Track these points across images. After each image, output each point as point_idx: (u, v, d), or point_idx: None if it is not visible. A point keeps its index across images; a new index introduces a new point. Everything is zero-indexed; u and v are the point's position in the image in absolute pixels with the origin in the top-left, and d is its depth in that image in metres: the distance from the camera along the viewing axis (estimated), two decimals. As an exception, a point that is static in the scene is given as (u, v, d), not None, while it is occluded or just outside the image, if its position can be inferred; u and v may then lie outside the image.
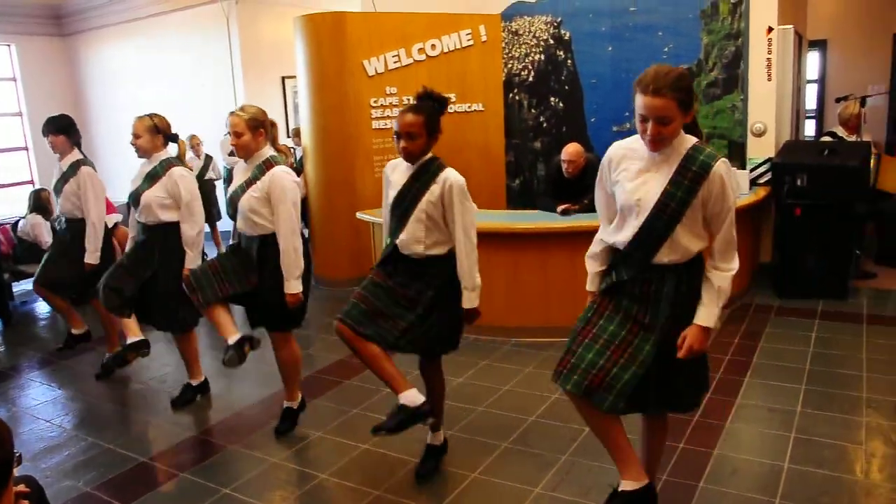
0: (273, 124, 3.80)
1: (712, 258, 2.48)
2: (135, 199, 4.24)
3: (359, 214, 6.29)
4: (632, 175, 2.47)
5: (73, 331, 5.19)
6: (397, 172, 3.20)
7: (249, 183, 3.59)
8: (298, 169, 7.41)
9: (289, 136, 9.51)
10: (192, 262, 4.14)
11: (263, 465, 3.62)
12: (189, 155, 8.22)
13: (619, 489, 2.58)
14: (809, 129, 10.19)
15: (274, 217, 3.56)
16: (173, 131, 4.34)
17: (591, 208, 5.34)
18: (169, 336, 4.79)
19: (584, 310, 2.63)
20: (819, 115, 10.53)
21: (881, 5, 10.04)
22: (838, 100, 7.24)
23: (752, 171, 6.27)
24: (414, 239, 3.09)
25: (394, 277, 3.16)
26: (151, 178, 4.19)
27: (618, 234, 2.54)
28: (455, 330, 3.26)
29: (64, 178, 4.78)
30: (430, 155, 3.14)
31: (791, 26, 6.41)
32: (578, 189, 5.47)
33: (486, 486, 3.31)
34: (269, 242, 3.60)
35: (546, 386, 3.61)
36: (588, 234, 4.93)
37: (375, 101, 6.62)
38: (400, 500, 3.22)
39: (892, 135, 9.76)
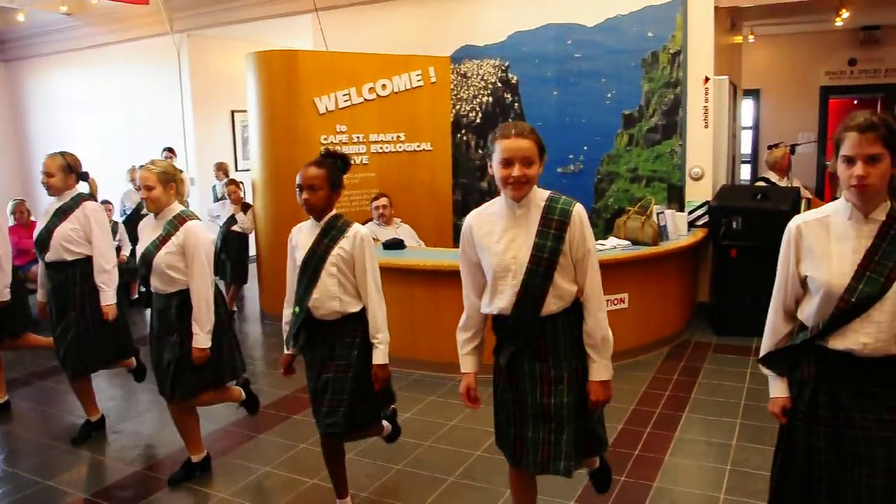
0: (182, 181, 3.75)
1: (586, 307, 2.51)
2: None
3: (308, 250, 6.31)
4: (497, 237, 2.50)
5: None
6: (302, 234, 3.20)
7: (163, 240, 3.53)
8: (247, 204, 7.41)
9: (238, 170, 9.51)
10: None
11: (212, 500, 3.59)
12: (130, 187, 8.09)
13: None
14: (745, 172, 10.64)
15: (188, 271, 3.52)
16: (124, 163, 4.32)
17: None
18: (111, 371, 4.72)
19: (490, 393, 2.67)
20: (754, 159, 11.02)
21: (808, 60, 10.63)
22: (770, 147, 7.59)
23: (690, 213, 6.52)
24: (329, 295, 3.07)
25: (315, 353, 3.16)
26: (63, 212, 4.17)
27: (496, 300, 2.53)
28: (373, 396, 3.18)
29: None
30: (334, 211, 3.16)
31: (726, 77, 6.74)
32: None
33: (432, 521, 3.35)
34: (188, 298, 3.54)
35: (492, 421, 3.66)
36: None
37: (325, 139, 6.69)
38: (347, 536, 3.23)
39: (821, 180, 10.25)
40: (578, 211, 2.48)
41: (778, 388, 2.36)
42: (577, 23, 6.90)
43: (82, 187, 4.34)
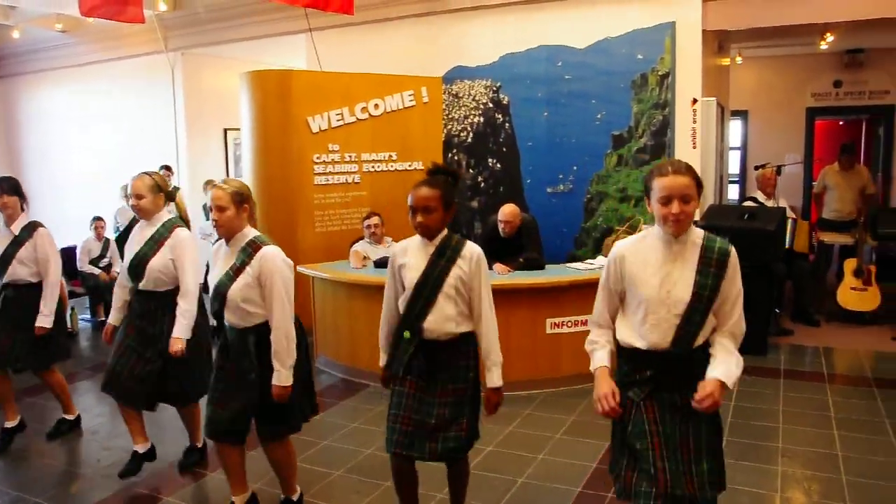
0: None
1: (724, 341, 2.50)
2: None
3: (300, 268, 6.35)
4: (654, 270, 2.49)
5: (8, 424, 4.63)
6: (410, 253, 3.03)
7: (237, 270, 3.25)
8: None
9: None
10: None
11: (199, 517, 3.61)
12: (123, 204, 8.10)
13: None
14: (734, 192, 10.77)
15: (266, 302, 3.26)
16: (117, 179, 4.29)
17: (525, 266, 5.56)
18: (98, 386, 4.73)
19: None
20: (742, 179, 11.15)
21: (795, 82, 10.80)
22: (757, 167, 7.71)
23: (678, 232, 6.58)
24: (445, 318, 2.95)
25: (426, 377, 3.00)
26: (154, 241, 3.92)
27: (648, 333, 2.50)
28: (476, 417, 3.09)
29: (17, 242, 4.47)
30: (445, 231, 3.03)
31: (714, 98, 6.86)
32: (514, 248, 5.68)
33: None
34: (266, 332, 3.28)
35: (483, 439, 3.70)
36: (524, 292, 5.22)
37: (318, 157, 6.76)
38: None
39: (807, 200, 10.37)
40: (734, 252, 2.49)
41: None
42: (567, 45, 7.02)
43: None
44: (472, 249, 3.00)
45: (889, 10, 6.16)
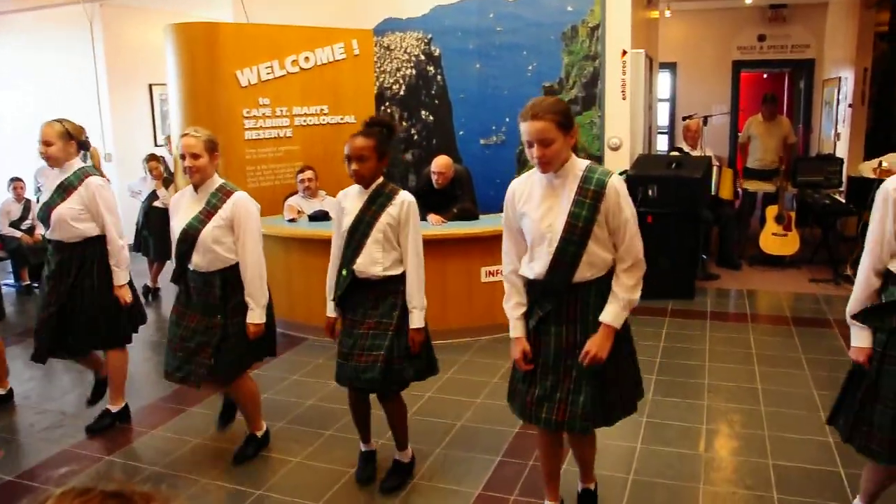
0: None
1: (618, 271, 2.60)
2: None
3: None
4: (536, 204, 2.60)
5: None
6: (349, 199, 3.23)
7: (208, 213, 3.39)
8: (168, 179, 7.28)
9: (158, 145, 9.29)
10: None
11: (145, 472, 3.59)
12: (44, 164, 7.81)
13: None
14: (663, 143, 11.01)
15: (238, 245, 3.45)
16: (35, 139, 4.04)
17: (459, 217, 5.61)
18: (29, 353, 4.60)
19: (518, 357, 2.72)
20: (671, 130, 11.40)
21: (721, 36, 11.04)
22: (684, 118, 7.90)
23: (609, 182, 6.72)
24: (372, 261, 3.12)
25: (357, 311, 3.19)
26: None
27: (532, 265, 2.64)
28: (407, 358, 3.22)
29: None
30: (381, 179, 3.20)
31: (643, 50, 6.97)
32: (448, 199, 5.72)
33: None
34: (231, 276, 3.45)
35: (422, 386, 3.78)
36: (457, 242, 5.28)
37: (248, 112, 6.61)
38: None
39: (733, 150, 10.69)
40: (614, 181, 2.55)
41: (865, 340, 2.56)
42: (498, -4, 7.00)
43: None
44: (403, 197, 3.17)
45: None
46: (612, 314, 2.57)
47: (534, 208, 2.60)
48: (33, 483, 3.54)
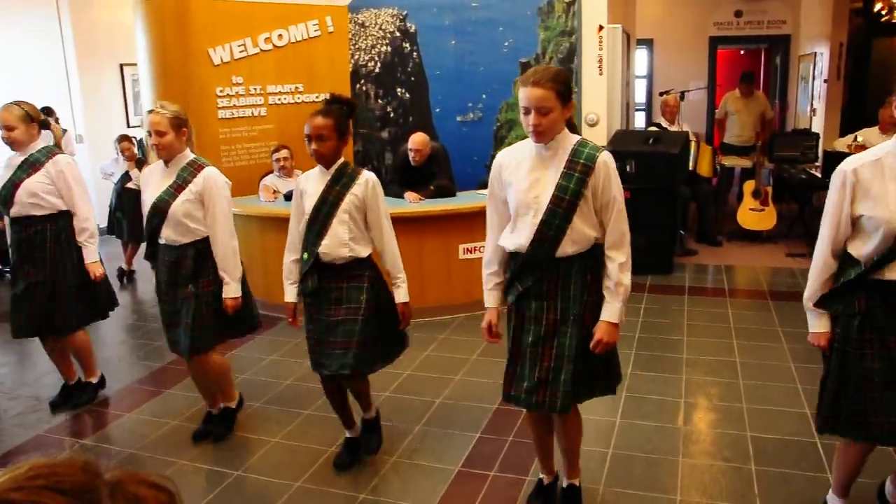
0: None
1: (606, 252, 2.56)
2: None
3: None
4: (524, 175, 2.55)
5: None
6: (310, 181, 3.16)
7: (178, 188, 3.38)
8: (141, 160, 7.16)
9: (130, 126, 9.13)
10: None
11: (121, 456, 3.54)
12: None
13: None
14: (640, 120, 11.02)
15: (209, 219, 3.43)
16: None
17: (436, 194, 5.58)
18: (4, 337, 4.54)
19: (492, 326, 2.75)
20: (648, 107, 11.40)
21: (699, 11, 11.02)
22: (661, 93, 7.88)
23: (587, 158, 6.70)
24: (339, 242, 3.07)
25: (321, 298, 3.14)
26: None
27: (515, 236, 2.59)
28: (397, 331, 3.27)
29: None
30: (342, 159, 3.15)
31: (619, 26, 6.92)
32: (425, 176, 5.67)
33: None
34: (203, 248, 3.44)
35: (400, 363, 3.75)
36: (434, 219, 5.24)
37: (222, 91, 6.50)
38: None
39: (710, 125, 10.72)
40: (605, 157, 2.51)
41: (823, 325, 2.57)
42: (473, -29, 6.92)
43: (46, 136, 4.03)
44: (367, 176, 3.14)
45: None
46: (614, 313, 2.55)
47: (521, 179, 2.56)
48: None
